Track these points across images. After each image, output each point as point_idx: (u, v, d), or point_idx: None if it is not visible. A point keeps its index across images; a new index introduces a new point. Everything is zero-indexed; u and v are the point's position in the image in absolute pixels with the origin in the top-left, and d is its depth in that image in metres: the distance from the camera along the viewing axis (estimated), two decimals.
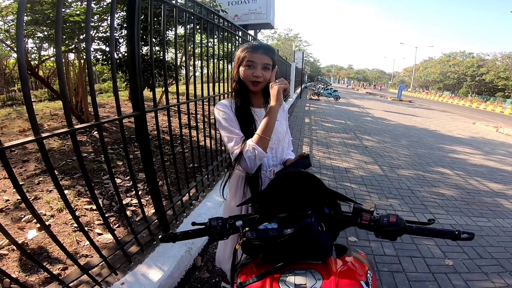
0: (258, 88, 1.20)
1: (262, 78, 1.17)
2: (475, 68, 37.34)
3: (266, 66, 1.17)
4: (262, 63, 1.16)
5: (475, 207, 3.36)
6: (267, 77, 1.19)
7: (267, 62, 1.17)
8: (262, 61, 1.16)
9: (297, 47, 30.91)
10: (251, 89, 1.20)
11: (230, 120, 1.19)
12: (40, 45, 4.85)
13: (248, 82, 1.18)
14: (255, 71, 1.16)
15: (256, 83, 1.18)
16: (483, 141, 7.97)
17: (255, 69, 1.16)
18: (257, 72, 1.16)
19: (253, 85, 1.18)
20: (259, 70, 1.16)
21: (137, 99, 1.67)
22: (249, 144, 1.10)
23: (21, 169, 3.14)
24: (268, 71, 1.18)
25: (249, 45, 1.20)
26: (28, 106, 1.05)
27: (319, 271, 0.80)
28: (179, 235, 0.92)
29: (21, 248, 1.14)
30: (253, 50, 1.17)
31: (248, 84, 1.19)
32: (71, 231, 2.17)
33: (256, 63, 1.16)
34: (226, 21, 3.00)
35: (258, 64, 1.16)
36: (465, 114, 16.90)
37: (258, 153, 1.09)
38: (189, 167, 2.70)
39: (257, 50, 1.17)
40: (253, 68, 1.16)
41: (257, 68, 1.16)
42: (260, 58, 1.16)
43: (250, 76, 1.16)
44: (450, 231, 0.81)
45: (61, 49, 1.20)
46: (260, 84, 1.19)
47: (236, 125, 1.19)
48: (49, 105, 7.53)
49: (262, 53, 1.17)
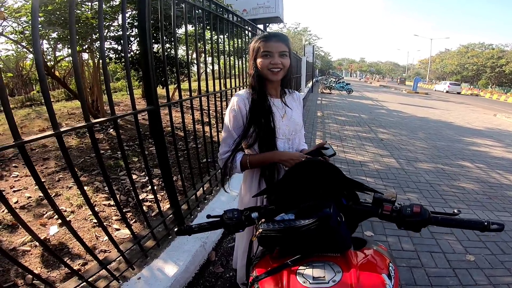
0: (278, 77, 1.17)
1: (281, 65, 1.15)
2: (495, 60, 35.94)
3: (283, 53, 1.15)
4: (279, 51, 1.14)
5: (497, 201, 3.22)
6: (286, 64, 1.16)
7: (283, 49, 1.14)
8: (278, 49, 1.14)
9: (307, 41, 30.49)
10: (271, 78, 1.17)
11: (236, 118, 1.19)
12: (55, 46, 4.97)
13: (267, 71, 1.15)
14: (273, 59, 1.13)
15: (276, 71, 1.15)
16: (504, 133, 7.64)
17: (272, 57, 1.14)
18: (275, 60, 1.13)
19: (273, 74, 1.16)
20: (277, 57, 1.14)
21: (151, 94, 1.68)
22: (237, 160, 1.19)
23: (42, 167, 3.24)
24: (286, 58, 1.16)
25: (262, 35, 1.17)
26: (47, 102, 1.07)
27: (338, 264, 0.78)
28: (195, 227, 0.91)
29: (43, 244, 1.17)
30: (267, 39, 1.14)
31: (267, 74, 1.16)
32: (90, 227, 2.22)
33: (273, 52, 1.13)
34: (235, 15, 2.97)
35: (275, 53, 1.13)
36: (485, 106, 16.26)
37: (236, 170, 1.21)
38: (202, 162, 2.71)
39: (271, 39, 1.14)
40: (270, 57, 1.14)
41: (274, 57, 1.13)
42: (276, 46, 1.13)
43: (268, 65, 1.14)
44: (479, 222, 0.76)
45: (76, 49, 1.21)
46: (280, 72, 1.16)
47: (238, 126, 1.19)
48: (66, 104, 7.74)
49: (276, 41, 1.14)
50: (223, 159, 1.22)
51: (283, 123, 1.23)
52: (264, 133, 1.18)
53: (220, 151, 1.25)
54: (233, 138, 1.20)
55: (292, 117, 1.28)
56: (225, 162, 1.21)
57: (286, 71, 1.19)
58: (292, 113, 1.29)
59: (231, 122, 1.20)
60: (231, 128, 1.20)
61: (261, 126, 1.17)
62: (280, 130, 1.22)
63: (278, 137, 1.22)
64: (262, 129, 1.17)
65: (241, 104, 1.19)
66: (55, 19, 3.57)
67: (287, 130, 1.25)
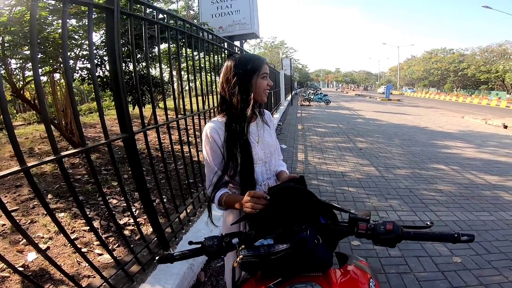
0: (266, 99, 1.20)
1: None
2: (457, 64, 38.53)
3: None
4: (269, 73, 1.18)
5: (474, 201, 3.36)
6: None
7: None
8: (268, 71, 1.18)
9: (284, 54, 31.32)
10: (262, 100, 1.18)
11: (213, 150, 1.15)
12: (24, 66, 4.75)
13: (263, 94, 1.16)
14: (268, 81, 1.16)
15: (267, 94, 1.18)
16: (473, 134, 8.09)
17: (267, 80, 1.16)
18: (270, 82, 1.17)
19: (265, 96, 1.17)
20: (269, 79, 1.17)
21: (124, 120, 1.62)
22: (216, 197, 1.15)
23: (15, 194, 3.10)
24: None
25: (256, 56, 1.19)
26: (10, 135, 1.00)
27: (320, 284, 0.79)
28: (176, 256, 0.91)
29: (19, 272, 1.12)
30: (264, 61, 1.17)
31: (262, 96, 1.16)
32: (71, 253, 2.14)
33: (268, 73, 1.16)
34: (210, 33, 3.00)
35: (267, 74, 1.17)
36: (453, 108, 17.21)
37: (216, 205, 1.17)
38: (184, 183, 2.64)
39: (264, 61, 1.18)
40: (266, 79, 1.16)
41: (268, 79, 1.17)
42: (267, 68, 1.17)
43: (265, 87, 1.15)
44: (449, 234, 0.78)
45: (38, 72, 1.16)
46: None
47: (217, 157, 1.16)
48: (38, 127, 7.38)
49: (266, 63, 1.18)
50: (208, 193, 1.20)
51: (258, 148, 1.21)
52: (243, 163, 1.14)
53: (206, 185, 1.23)
54: (214, 172, 1.16)
55: (265, 139, 1.26)
56: (210, 196, 1.19)
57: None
58: (265, 135, 1.27)
59: (209, 156, 1.16)
60: (210, 162, 1.16)
61: (239, 156, 1.14)
62: (257, 156, 1.20)
63: (256, 163, 1.19)
64: (240, 158, 1.14)
65: (215, 135, 1.14)
66: (22, 39, 3.44)
67: (263, 154, 1.23)
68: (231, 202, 1.10)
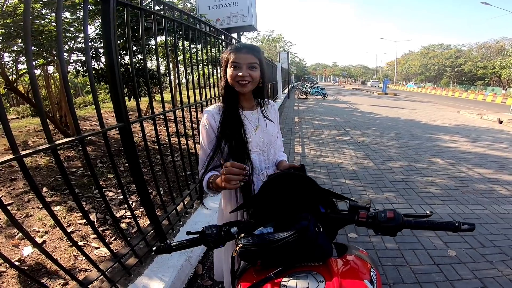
0: (246, 89, 1.15)
1: (249, 78, 1.12)
2: (453, 59, 38.62)
3: (252, 65, 1.13)
4: (247, 63, 1.12)
5: (469, 194, 3.39)
6: (255, 77, 1.14)
7: (252, 61, 1.12)
8: (247, 61, 1.12)
9: (281, 47, 31.10)
10: (239, 90, 1.15)
11: (208, 134, 1.18)
12: (17, 59, 4.69)
13: (235, 83, 1.14)
14: (241, 71, 1.11)
15: (243, 83, 1.13)
16: (469, 129, 8.16)
17: (240, 69, 1.12)
18: (243, 72, 1.11)
19: (241, 86, 1.13)
20: (245, 69, 1.11)
21: (120, 110, 1.60)
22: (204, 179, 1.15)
23: (10, 188, 3.05)
24: (255, 70, 1.14)
25: (233, 47, 1.16)
26: (4, 124, 0.98)
27: (321, 273, 0.78)
28: (174, 246, 0.90)
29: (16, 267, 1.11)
30: (237, 50, 1.13)
31: (235, 85, 1.14)
32: (67, 246, 2.12)
33: (241, 64, 1.11)
34: (208, 25, 2.95)
35: (243, 64, 1.11)
36: (449, 103, 17.30)
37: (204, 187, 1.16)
38: (181, 175, 2.63)
39: (240, 50, 1.13)
40: (238, 68, 1.12)
41: (243, 68, 1.11)
42: (244, 58, 1.12)
43: (236, 77, 1.12)
44: (450, 223, 0.78)
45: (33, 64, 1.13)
46: (247, 84, 1.14)
47: (210, 142, 1.18)
48: (32, 121, 7.29)
49: (246, 53, 1.12)
50: (200, 175, 1.20)
51: (256, 135, 1.21)
52: (236, 146, 1.15)
53: (198, 169, 1.23)
54: (207, 154, 1.18)
55: (266, 128, 1.25)
56: (200, 179, 1.18)
57: (256, 83, 1.17)
58: (266, 125, 1.26)
59: (204, 139, 1.19)
60: (205, 145, 1.19)
61: (232, 139, 1.15)
62: (252, 142, 1.19)
63: (252, 150, 1.19)
64: (233, 142, 1.14)
65: (211, 119, 1.17)
66: (15, 32, 3.37)
67: (261, 142, 1.22)
68: (217, 182, 1.07)
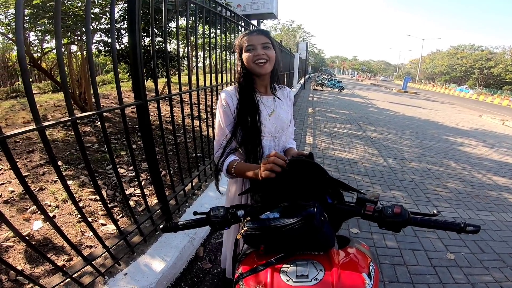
0: (266, 69, 1.17)
1: (265, 56, 1.15)
2: (484, 61, 36.82)
3: (265, 45, 1.16)
4: (261, 43, 1.15)
5: (478, 200, 3.33)
6: (272, 55, 1.17)
7: (264, 41, 1.16)
8: (260, 41, 1.16)
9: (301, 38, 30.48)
10: (258, 71, 1.17)
11: (226, 114, 1.19)
12: (42, 38, 4.84)
13: (254, 65, 1.16)
14: (256, 51, 1.15)
15: (261, 63, 1.16)
16: (489, 134, 7.87)
17: (255, 50, 1.15)
18: (258, 51, 1.15)
19: (260, 66, 1.16)
20: (260, 49, 1.15)
21: (138, 88, 1.65)
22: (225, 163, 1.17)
23: (26, 160, 3.15)
24: (270, 49, 1.17)
25: (243, 33, 1.22)
26: (28, 95, 1.03)
27: (321, 262, 0.79)
28: (180, 225, 0.92)
29: (25, 240, 1.14)
30: (248, 33, 1.18)
31: (254, 68, 1.17)
32: (75, 222, 2.19)
33: (255, 45, 1.15)
34: (229, 10, 2.95)
35: (257, 45, 1.15)
36: (471, 106, 16.65)
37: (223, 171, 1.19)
38: (191, 157, 2.69)
39: (252, 33, 1.18)
40: (253, 50, 1.15)
41: (258, 48, 1.15)
42: (257, 39, 1.16)
43: (253, 58, 1.15)
44: (456, 223, 0.78)
45: (61, 42, 1.18)
46: (265, 64, 1.16)
47: (230, 122, 1.20)
48: (52, 96, 7.53)
49: (257, 34, 1.17)
50: (216, 157, 1.21)
51: (269, 121, 1.23)
52: (250, 131, 1.18)
53: (214, 146, 1.24)
54: (225, 135, 1.19)
55: (279, 114, 1.27)
56: (217, 161, 1.20)
57: (273, 63, 1.19)
58: (280, 111, 1.28)
59: (222, 119, 1.20)
60: (223, 124, 1.20)
61: (247, 124, 1.17)
62: (266, 128, 1.21)
63: (264, 136, 1.21)
64: (248, 127, 1.17)
65: (229, 100, 1.19)
66: (43, 12, 3.47)
67: (273, 128, 1.24)
68: (242, 170, 1.10)
